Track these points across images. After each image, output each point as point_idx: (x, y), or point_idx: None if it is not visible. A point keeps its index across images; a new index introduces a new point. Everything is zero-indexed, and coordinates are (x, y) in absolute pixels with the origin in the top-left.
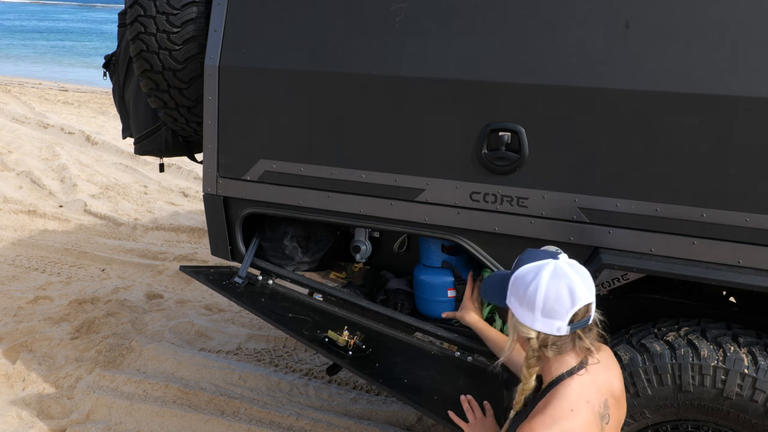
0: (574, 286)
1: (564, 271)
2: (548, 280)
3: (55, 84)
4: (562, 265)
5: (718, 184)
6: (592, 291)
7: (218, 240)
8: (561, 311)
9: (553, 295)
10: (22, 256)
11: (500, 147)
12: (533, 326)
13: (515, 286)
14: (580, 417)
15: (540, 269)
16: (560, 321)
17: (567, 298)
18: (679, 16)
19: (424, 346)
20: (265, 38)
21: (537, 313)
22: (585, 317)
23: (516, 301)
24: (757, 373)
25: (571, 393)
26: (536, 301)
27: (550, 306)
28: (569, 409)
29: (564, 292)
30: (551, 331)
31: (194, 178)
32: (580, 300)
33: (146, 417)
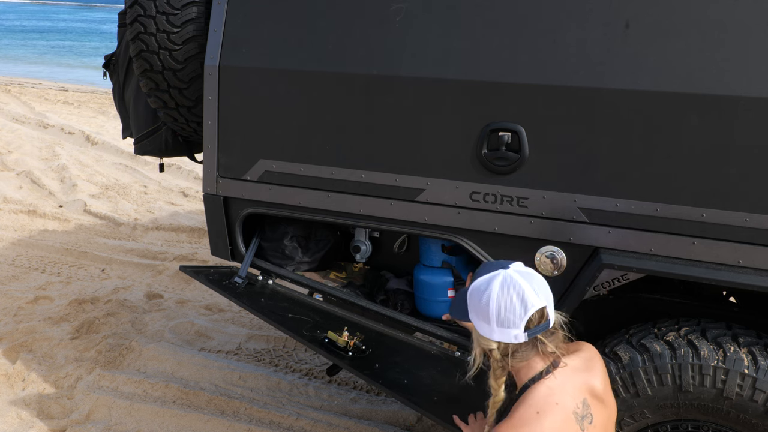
0: (524, 293)
1: (513, 279)
2: (498, 291)
3: (55, 84)
4: (511, 273)
5: (718, 184)
6: (546, 296)
7: (218, 240)
8: (514, 319)
9: (504, 304)
10: (22, 256)
11: (500, 147)
12: (492, 337)
13: (471, 299)
14: (548, 419)
15: (491, 281)
16: (516, 329)
17: (518, 306)
18: (679, 16)
19: (424, 346)
20: (265, 38)
21: (493, 324)
22: (542, 322)
23: (474, 315)
24: (757, 373)
25: (537, 396)
26: (490, 312)
27: (503, 315)
28: (534, 412)
29: (515, 300)
30: (509, 340)
31: (194, 178)
32: (532, 306)
33: (146, 417)
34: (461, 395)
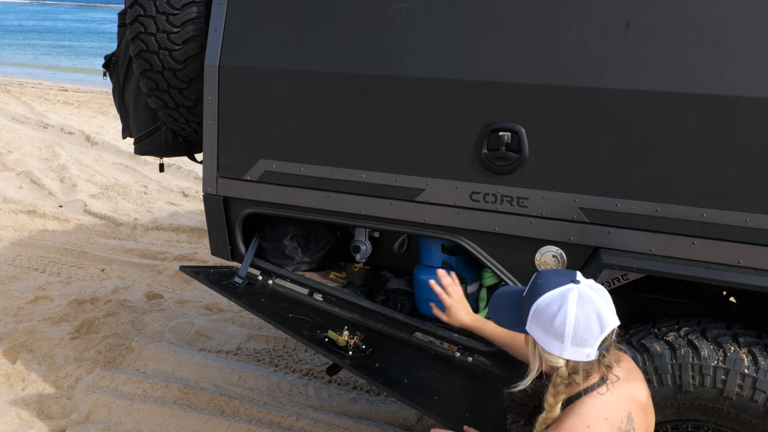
0: (601, 311)
1: (589, 296)
2: (576, 310)
3: (55, 84)
4: (585, 290)
5: (718, 184)
6: (615, 312)
7: (218, 240)
8: (591, 339)
9: (583, 323)
10: (22, 256)
11: (500, 147)
12: (562, 355)
13: (539, 316)
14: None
15: (565, 298)
16: (590, 348)
17: (596, 326)
18: (679, 16)
19: (424, 346)
20: (265, 38)
21: (566, 343)
22: (611, 339)
23: (541, 331)
24: (757, 373)
25: (589, 410)
26: (565, 331)
27: (580, 335)
28: (585, 426)
29: (593, 319)
30: (581, 359)
31: (194, 178)
32: (609, 325)
33: (146, 417)
34: (461, 395)
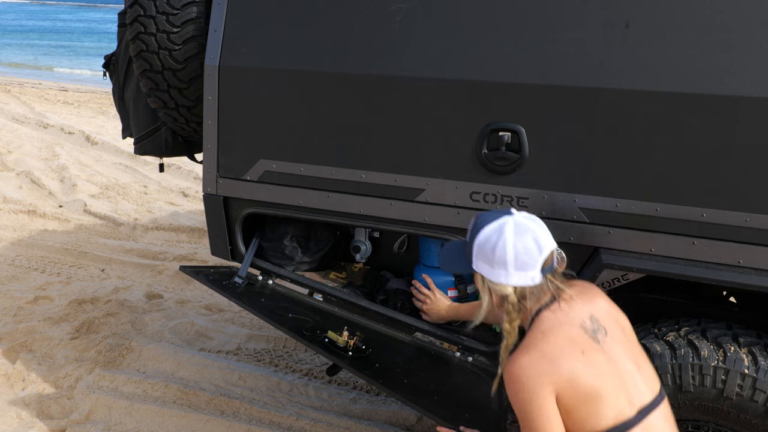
0: (537, 236)
1: (525, 224)
2: (514, 237)
3: (55, 84)
4: (520, 219)
5: (718, 184)
6: (550, 236)
7: (218, 240)
8: (532, 262)
9: (522, 248)
10: (22, 256)
11: (500, 147)
12: (509, 282)
13: (481, 250)
14: (553, 336)
15: (502, 229)
16: (533, 271)
17: (535, 249)
18: (679, 16)
19: (424, 346)
20: (265, 38)
21: (510, 269)
22: (551, 262)
23: (486, 264)
24: (758, 373)
25: (542, 321)
26: (507, 258)
27: (521, 260)
28: (540, 332)
29: (531, 244)
30: (527, 283)
31: (194, 178)
32: (546, 247)
33: (146, 417)
34: (461, 395)
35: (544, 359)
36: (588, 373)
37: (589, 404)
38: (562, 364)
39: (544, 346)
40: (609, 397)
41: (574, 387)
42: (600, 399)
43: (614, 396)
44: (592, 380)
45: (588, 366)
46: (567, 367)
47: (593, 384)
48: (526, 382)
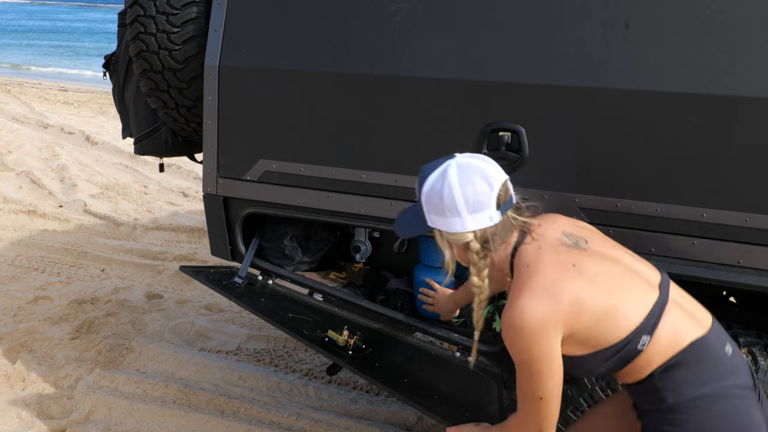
0: (484, 171)
1: (468, 163)
2: (458, 178)
3: (55, 84)
4: (462, 160)
5: (718, 184)
6: (500, 169)
7: (218, 240)
8: (485, 200)
9: (470, 188)
10: (22, 256)
11: (500, 147)
12: (467, 228)
13: (430, 202)
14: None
15: (445, 173)
16: (488, 209)
17: (484, 185)
18: (679, 16)
19: (424, 346)
20: (265, 38)
21: (464, 213)
22: (508, 196)
23: (438, 216)
24: (757, 373)
25: (523, 256)
26: (457, 202)
27: (473, 199)
28: (525, 268)
29: (478, 180)
30: (486, 224)
31: (194, 178)
32: (497, 180)
33: (146, 417)
34: (461, 395)
35: (541, 295)
36: (589, 288)
37: (602, 322)
38: (562, 289)
39: (534, 281)
40: (622, 299)
41: (581, 310)
42: (614, 308)
43: (627, 293)
44: (597, 295)
45: (587, 280)
46: (567, 292)
47: (599, 299)
48: (529, 327)
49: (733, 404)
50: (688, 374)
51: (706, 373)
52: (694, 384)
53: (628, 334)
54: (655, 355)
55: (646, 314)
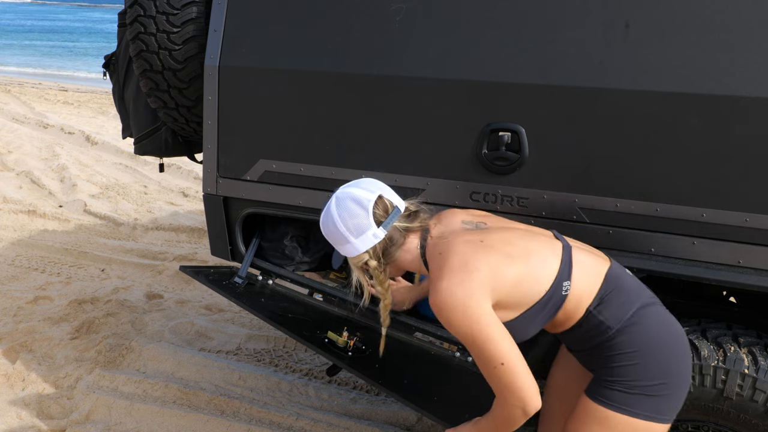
0: (355, 196)
1: (344, 193)
2: (335, 209)
3: (55, 84)
4: (340, 191)
5: (718, 184)
6: (377, 187)
7: (218, 240)
8: (363, 222)
9: (346, 215)
10: (22, 256)
11: (500, 147)
12: (360, 250)
13: (329, 237)
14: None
15: (328, 208)
16: (370, 229)
17: (357, 208)
18: (679, 16)
19: (424, 346)
20: (265, 38)
21: (351, 239)
22: (391, 210)
23: (340, 246)
24: (758, 373)
25: (432, 248)
26: (341, 231)
27: (351, 224)
28: (438, 255)
29: (351, 206)
30: (372, 242)
31: (194, 178)
32: (368, 200)
33: (146, 417)
34: (461, 395)
35: (460, 270)
36: (501, 255)
37: (523, 282)
38: (477, 261)
39: (450, 262)
40: (533, 257)
41: (499, 277)
42: (529, 267)
43: (536, 251)
44: (510, 260)
45: (497, 250)
46: (483, 262)
47: (513, 264)
48: (460, 300)
49: (656, 312)
50: (616, 301)
51: (628, 295)
52: (624, 306)
53: (550, 285)
54: (581, 294)
55: (559, 263)
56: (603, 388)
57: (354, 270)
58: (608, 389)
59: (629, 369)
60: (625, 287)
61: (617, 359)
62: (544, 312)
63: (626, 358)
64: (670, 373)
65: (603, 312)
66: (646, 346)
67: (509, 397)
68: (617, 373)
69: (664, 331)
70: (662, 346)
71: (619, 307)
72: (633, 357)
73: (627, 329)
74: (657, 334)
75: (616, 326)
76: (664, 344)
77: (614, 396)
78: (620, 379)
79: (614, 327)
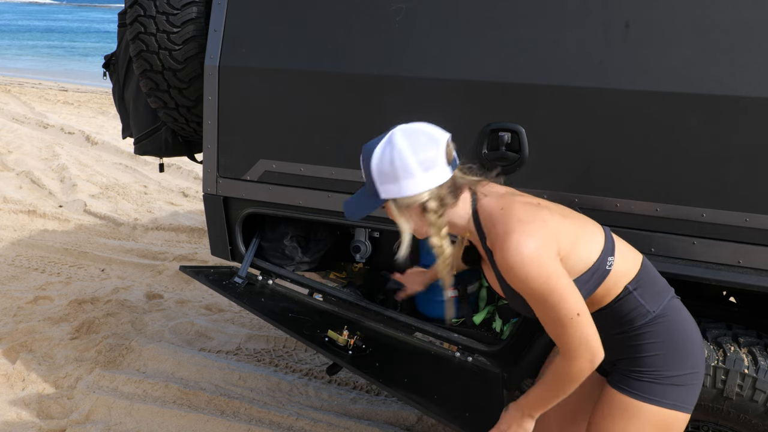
0: (428, 132)
1: (410, 127)
2: (405, 142)
3: (55, 84)
4: (403, 126)
5: (718, 184)
6: (442, 130)
7: (218, 240)
8: (434, 156)
9: (420, 147)
10: (22, 256)
11: (500, 147)
12: (420, 189)
13: (381, 172)
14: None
15: (391, 139)
16: (440, 166)
17: (431, 143)
18: (679, 16)
19: (424, 346)
20: (265, 38)
21: (417, 174)
22: (453, 155)
23: (391, 184)
24: (757, 373)
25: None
26: (408, 164)
27: (422, 157)
28: (499, 210)
29: (424, 140)
30: (440, 181)
31: (194, 178)
32: (441, 139)
33: (146, 417)
34: (461, 395)
35: (530, 223)
36: (560, 217)
37: (577, 247)
38: (543, 217)
39: (517, 216)
40: (584, 226)
41: (560, 236)
42: (582, 234)
43: (585, 223)
44: (567, 222)
45: (554, 212)
46: (548, 219)
47: (570, 227)
48: (535, 250)
49: (681, 305)
50: (653, 288)
51: (662, 286)
52: (660, 294)
53: (598, 256)
54: (622, 273)
55: (604, 238)
56: (630, 379)
57: (400, 217)
58: (636, 380)
59: (659, 359)
60: (658, 278)
61: (647, 348)
62: (590, 284)
63: (657, 348)
64: (699, 362)
65: (644, 295)
66: (678, 335)
67: (580, 349)
68: (646, 363)
69: (691, 323)
70: (691, 337)
71: (656, 294)
72: (663, 346)
73: (662, 317)
74: (687, 324)
75: (654, 310)
76: (691, 335)
77: (644, 387)
78: (649, 370)
79: (653, 311)
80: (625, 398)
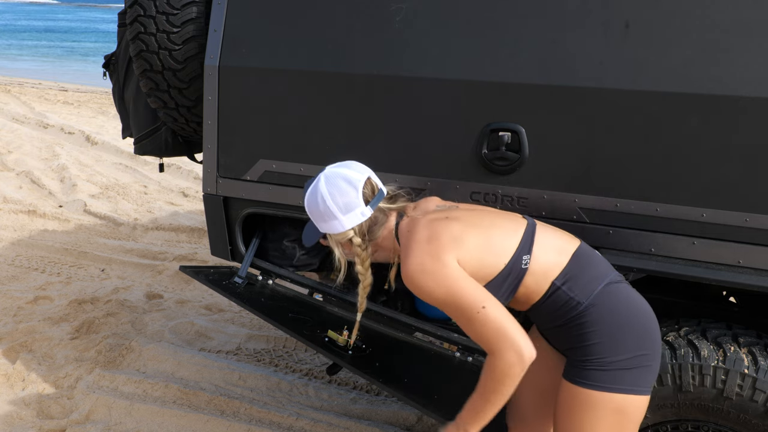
0: (346, 176)
1: (333, 172)
2: (326, 187)
3: (55, 84)
4: (329, 170)
5: (718, 184)
6: (365, 170)
7: (218, 240)
8: (352, 200)
9: (337, 192)
10: (22, 256)
11: (500, 147)
12: (345, 227)
13: (313, 213)
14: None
15: (316, 186)
16: (358, 207)
17: (348, 187)
18: (679, 16)
19: (424, 346)
20: (265, 38)
21: (339, 216)
22: (377, 192)
23: (323, 222)
24: (757, 373)
25: (404, 227)
26: (330, 208)
27: (342, 202)
28: (408, 233)
29: (342, 185)
30: (360, 219)
31: (194, 178)
32: (358, 181)
33: (146, 417)
34: (461, 395)
35: (426, 241)
36: (465, 227)
37: (485, 254)
38: (441, 232)
39: (417, 236)
40: (496, 231)
41: (462, 246)
42: (491, 240)
43: (499, 226)
44: (473, 231)
45: (460, 222)
46: (446, 233)
47: (476, 234)
48: (430, 264)
49: (623, 288)
50: (584, 277)
51: (596, 272)
52: (592, 283)
53: (510, 258)
54: (543, 269)
55: (520, 238)
56: (579, 369)
57: (335, 247)
58: (584, 369)
59: (600, 346)
60: (593, 265)
61: (587, 337)
62: (506, 285)
63: (596, 336)
64: (646, 345)
65: (573, 288)
66: (615, 321)
67: (499, 341)
68: (590, 352)
69: (632, 306)
70: (631, 321)
71: (587, 284)
72: (602, 333)
73: (595, 305)
74: (626, 308)
75: (585, 301)
76: (633, 318)
77: (591, 375)
78: (593, 358)
79: (584, 302)
80: (576, 389)
